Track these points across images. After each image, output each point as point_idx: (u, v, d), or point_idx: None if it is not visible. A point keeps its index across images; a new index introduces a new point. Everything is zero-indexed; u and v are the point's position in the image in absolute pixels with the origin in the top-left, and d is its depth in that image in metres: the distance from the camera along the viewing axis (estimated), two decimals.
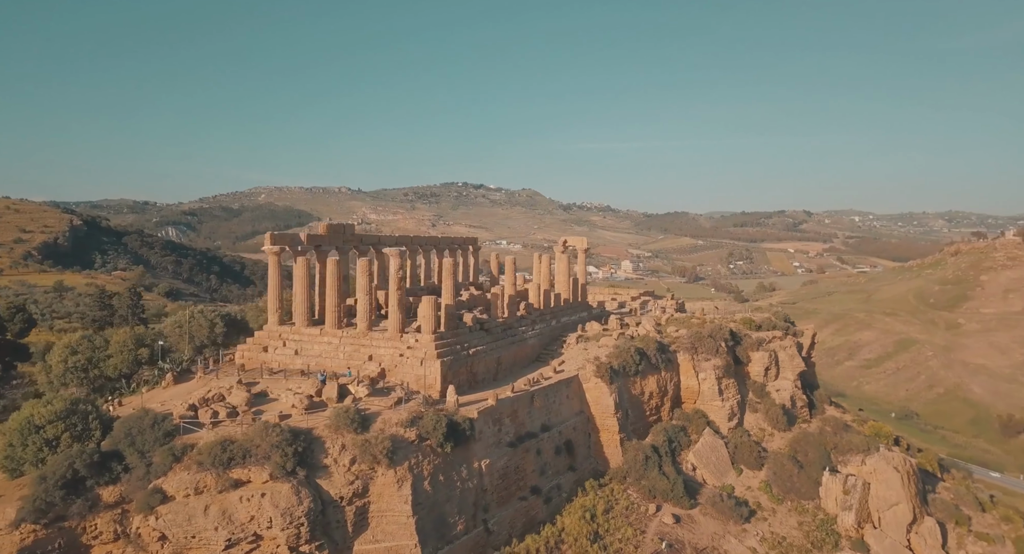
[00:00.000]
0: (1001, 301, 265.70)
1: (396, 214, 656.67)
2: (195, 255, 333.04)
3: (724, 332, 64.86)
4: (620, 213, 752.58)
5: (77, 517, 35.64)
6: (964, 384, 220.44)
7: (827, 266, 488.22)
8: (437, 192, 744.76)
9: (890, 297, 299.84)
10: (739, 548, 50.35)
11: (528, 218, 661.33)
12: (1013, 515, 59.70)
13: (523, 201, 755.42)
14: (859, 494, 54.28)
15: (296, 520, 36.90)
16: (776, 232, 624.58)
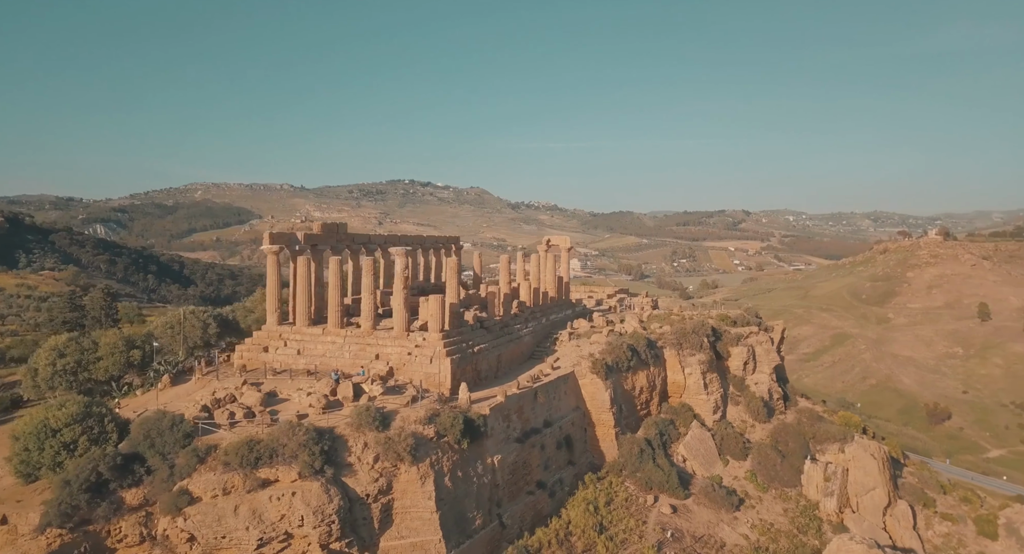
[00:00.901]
0: (926, 296, 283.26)
1: (341, 212, 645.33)
2: (130, 254, 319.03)
3: (706, 328, 67.86)
4: (567, 212, 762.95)
5: (102, 520, 35.42)
6: (894, 375, 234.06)
7: (765, 264, 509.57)
8: (383, 189, 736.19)
9: (826, 293, 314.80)
10: (733, 535, 53.01)
11: (477, 216, 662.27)
12: (971, 496, 64.83)
13: (472, 199, 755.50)
14: (840, 480, 57.99)
15: (327, 518, 37.12)
16: (717, 231, 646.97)
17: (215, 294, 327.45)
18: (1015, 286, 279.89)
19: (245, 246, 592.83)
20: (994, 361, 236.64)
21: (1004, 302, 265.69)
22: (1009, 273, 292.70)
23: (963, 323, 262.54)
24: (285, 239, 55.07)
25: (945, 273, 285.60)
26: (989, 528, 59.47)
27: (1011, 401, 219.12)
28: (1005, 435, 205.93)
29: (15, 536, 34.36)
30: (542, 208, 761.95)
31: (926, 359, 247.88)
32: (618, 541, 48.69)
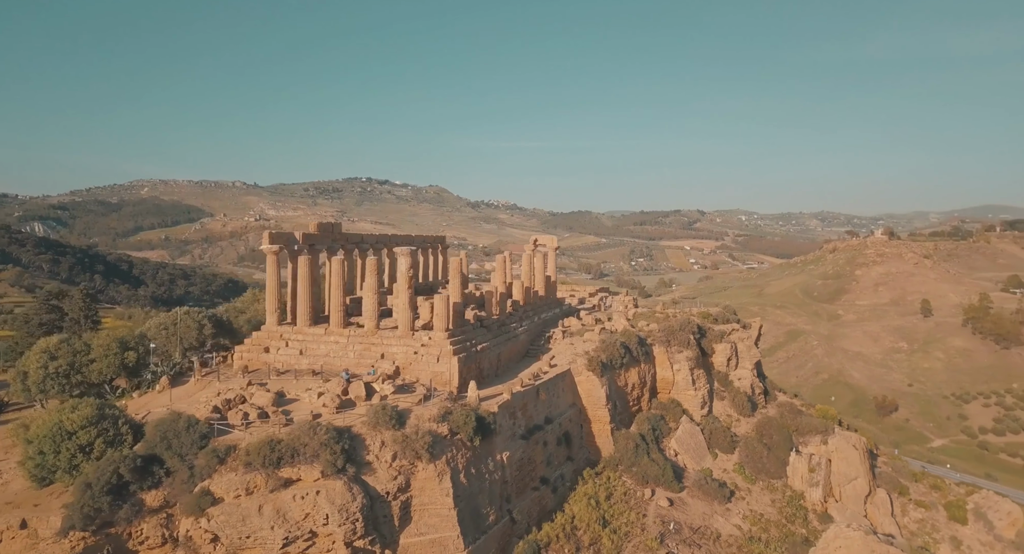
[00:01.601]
0: (873, 294, 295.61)
1: (297, 210, 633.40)
2: (74, 253, 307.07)
3: (692, 326, 70.04)
4: (527, 211, 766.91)
5: (124, 523, 35.30)
6: (845, 370, 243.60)
7: (720, 262, 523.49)
8: (340, 187, 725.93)
9: (779, 291, 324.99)
10: (727, 526, 55.07)
11: (436, 215, 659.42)
12: (940, 484, 68.72)
13: (430, 198, 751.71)
14: (824, 471, 60.83)
15: (352, 516, 37.36)
16: (673, 230, 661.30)
17: (167, 295, 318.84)
18: (953, 283, 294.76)
19: (196, 245, 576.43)
20: (936, 355, 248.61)
21: (944, 298, 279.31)
22: (947, 271, 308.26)
23: (907, 319, 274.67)
24: (284, 239, 54.71)
25: (890, 271, 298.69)
26: (959, 513, 63.34)
27: (951, 393, 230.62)
28: (947, 425, 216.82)
29: (36, 540, 33.94)
30: (502, 207, 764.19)
31: (874, 354, 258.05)
32: (621, 534, 50.07)
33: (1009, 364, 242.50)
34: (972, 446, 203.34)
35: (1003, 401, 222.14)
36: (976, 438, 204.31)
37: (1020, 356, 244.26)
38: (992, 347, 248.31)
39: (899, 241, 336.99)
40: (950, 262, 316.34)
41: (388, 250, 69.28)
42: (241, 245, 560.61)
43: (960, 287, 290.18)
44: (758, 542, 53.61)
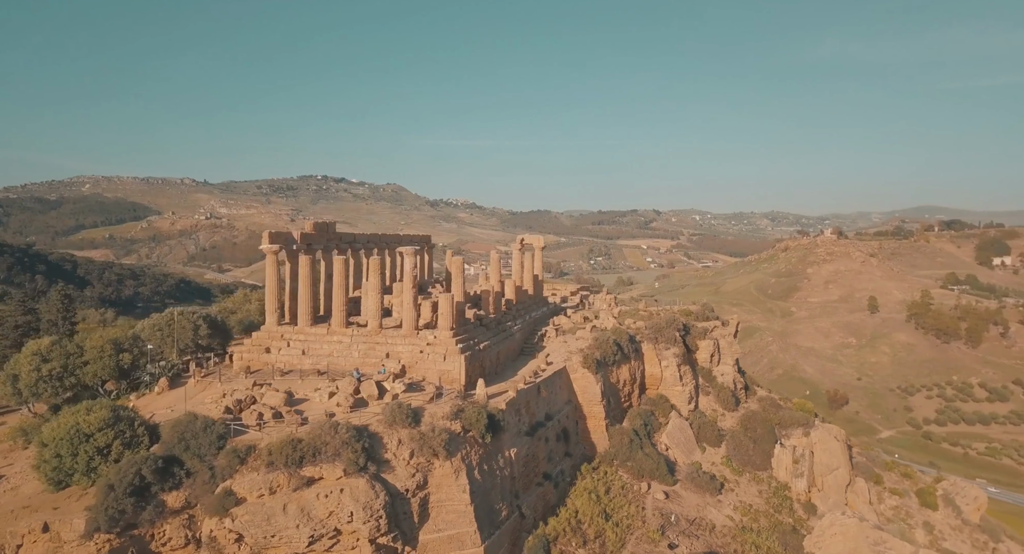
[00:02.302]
0: (823, 291, 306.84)
1: (250, 208, 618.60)
2: (13, 253, 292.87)
3: (678, 323, 72.17)
4: (486, 210, 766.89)
5: (147, 524, 35.20)
6: (798, 365, 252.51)
7: (676, 261, 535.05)
8: (295, 185, 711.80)
9: (735, 289, 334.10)
10: (719, 516, 57.13)
11: (395, 213, 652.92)
12: (911, 472, 72.68)
13: (388, 196, 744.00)
14: (808, 462, 63.62)
15: (375, 513, 37.64)
16: (630, 230, 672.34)
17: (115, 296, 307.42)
18: (897, 281, 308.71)
19: (143, 244, 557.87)
20: (882, 350, 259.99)
21: (889, 295, 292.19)
22: (892, 269, 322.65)
23: (855, 315, 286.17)
24: (282, 239, 54.20)
25: (839, 269, 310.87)
26: (930, 499, 67.15)
27: (897, 386, 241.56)
28: (893, 417, 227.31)
29: (59, 543, 33.61)
30: (461, 206, 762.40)
31: (825, 349, 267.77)
32: (623, 527, 51.46)
33: (949, 358, 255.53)
34: (917, 437, 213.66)
35: (944, 393, 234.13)
36: (920, 429, 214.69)
37: (959, 350, 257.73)
38: (933, 342, 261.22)
39: (847, 240, 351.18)
40: (894, 261, 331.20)
41: (378, 250, 69.11)
42: (191, 244, 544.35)
43: (903, 284, 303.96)
44: (750, 532, 55.78)
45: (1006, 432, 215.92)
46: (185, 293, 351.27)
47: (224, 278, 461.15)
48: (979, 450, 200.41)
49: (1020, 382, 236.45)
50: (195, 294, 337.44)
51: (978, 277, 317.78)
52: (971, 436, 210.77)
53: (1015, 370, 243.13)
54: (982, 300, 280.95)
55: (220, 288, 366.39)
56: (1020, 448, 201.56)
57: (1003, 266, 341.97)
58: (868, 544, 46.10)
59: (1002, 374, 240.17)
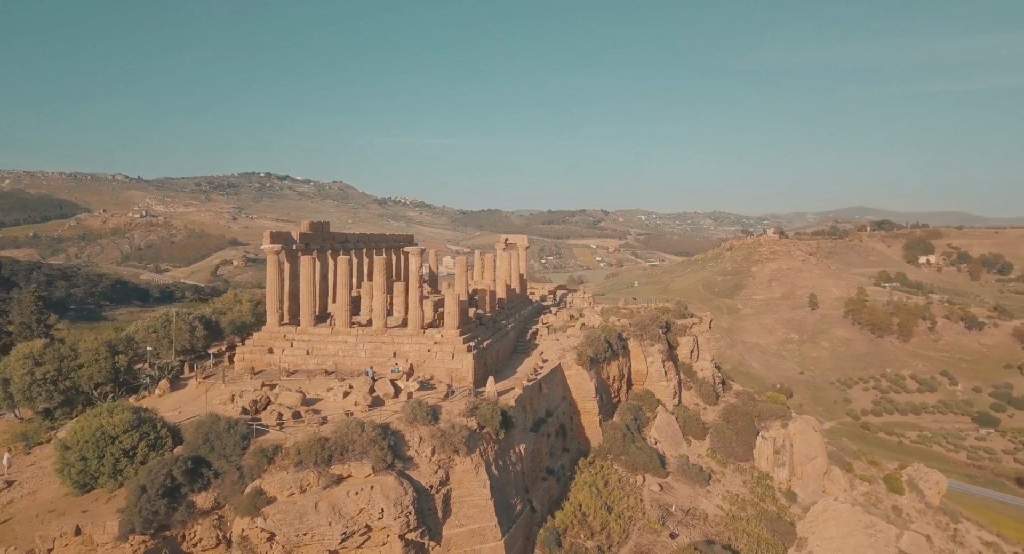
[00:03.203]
0: (767, 289, 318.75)
1: (188, 206, 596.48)
2: None
3: (661, 320, 74.65)
4: (436, 209, 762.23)
5: (179, 525, 35.23)
6: (745, 360, 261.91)
7: (624, 260, 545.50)
8: (236, 183, 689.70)
9: (683, 287, 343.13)
10: (710, 506, 59.62)
11: (342, 212, 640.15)
12: (877, 460, 77.36)
13: (335, 194, 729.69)
14: (789, 452, 66.99)
15: (405, 509, 38.19)
16: (579, 230, 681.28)
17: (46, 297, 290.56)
18: (835, 278, 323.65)
19: (71, 243, 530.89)
20: (822, 345, 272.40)
21: (827, 292, 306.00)
22: (829, 267, 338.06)
23: (797, 312, 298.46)
24: (282, 238, 53.60)
25: (782, 268, 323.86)
26: (897, 485, 71.66)
27: (837, 379, 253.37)
28: (834, 409, 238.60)
29: (92, 546, 33.35)
30: (410, 204, 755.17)
31: (770, 345, 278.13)
32: (625, 518, 53.25)
33: (883, 351, 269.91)
34: (856, 427, 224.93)
35: (879, 385, 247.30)
36: (859, 419, 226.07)
37: (891, 344, 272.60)
38: (869, 336, 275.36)
39: (788, 240, 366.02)
40: (831, 259, 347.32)
41: (367, 250, 69.00)
42: (125, 243, 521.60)
43: (840, 282, 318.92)
44: (740, 520, 58.49)
45: (935, 421, 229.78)
46: (122, 295, 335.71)
47: (163, 279, 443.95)
48: (912, 439, 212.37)
49: (947, 374, 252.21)
50: (133, 296, 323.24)
51: (907, 275, 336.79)
52: (904, 425, 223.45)
53: (942, 362, 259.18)
54: (911, 296, 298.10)
55: (160, 289, 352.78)
56: (948, 435, 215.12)
57: (928, 264, 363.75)
58: (861, 527, 49.34)
59: (930, 366, 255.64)
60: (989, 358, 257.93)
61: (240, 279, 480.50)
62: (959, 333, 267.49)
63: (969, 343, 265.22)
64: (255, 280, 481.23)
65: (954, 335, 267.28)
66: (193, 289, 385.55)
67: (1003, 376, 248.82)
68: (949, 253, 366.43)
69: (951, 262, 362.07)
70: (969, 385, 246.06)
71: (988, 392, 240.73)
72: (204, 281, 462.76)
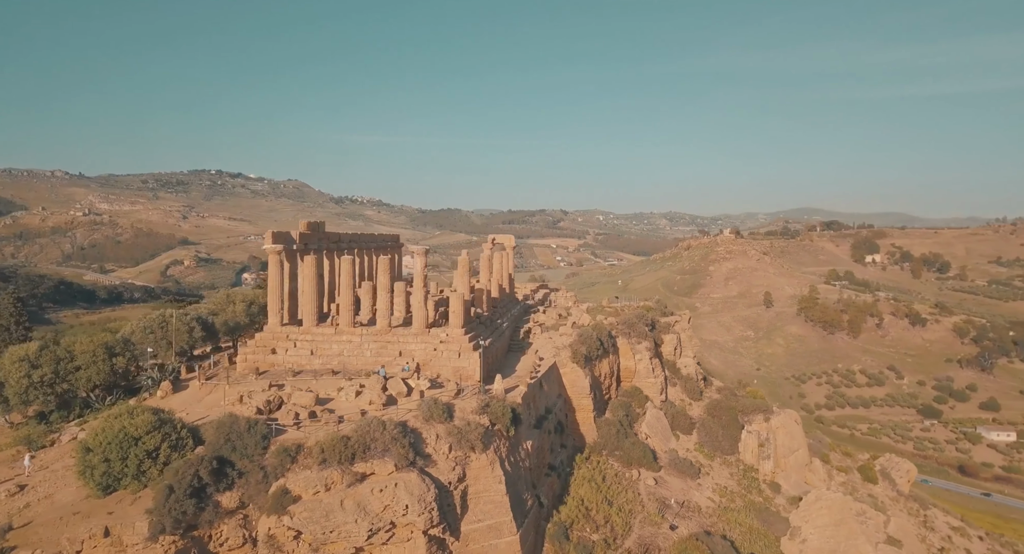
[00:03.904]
0: (724, 287, 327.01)
1: (135, 204, 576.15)
2: None
3: (647, 318, 76.52)
4: (394, 208, 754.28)
5: (206, 525, 35.32)
6: (704, 357, 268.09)
7: (584, 260, 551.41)
8: (185, 180, 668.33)
9: (643, 286, 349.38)
10: (702, 498, 61.55)
11: (297, 211, 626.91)
12: (851, 451, 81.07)
13: (290, 193, 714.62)
14: (773, 445, 69.62)
15: (428, 505, 38.70)
16: (539, 229, 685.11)
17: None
18: (788, 277, 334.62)
19: (7, 242, 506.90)
20: (777, 341, 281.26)
21: (781, 291, 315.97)
22: (782, 266, 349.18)
23: (753, 310, 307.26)
24: (283, 238, 53.13)
25: (738, 267, 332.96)
26: (871, 474, 75.23)
27: (791, 374, 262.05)
28: (790, 404, 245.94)
29: (121, 547, 33.26)
30: (368, 203, 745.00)
31: (727, 342, 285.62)
32: (626, 511, 54.68)
33: (834, 347, 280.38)
34: (811, 421, 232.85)
35: (831, 380, 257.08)
36: (813, 413, 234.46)
37: (842, 340, 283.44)
38: (821, 333, 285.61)
39: (743, 240, 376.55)
40: (784, 258, 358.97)
41: (359, 250, 68.72)
42: (67, 242, 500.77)
43: (793, 280, 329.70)
44: (731, 511, 60.67)
45: (883, 413, 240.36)
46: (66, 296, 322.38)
47: (109, 279, 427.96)
48: (863, 431, 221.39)
49: (893, 368, 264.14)
50: (78, 297, 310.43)
51: (855, 273, 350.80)
52: (855, 418, 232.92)
53: (888, 357, 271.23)
54: (860, 294, 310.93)
55: (107, 290, 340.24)
56: (895, 427, 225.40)
57: (874, 263, 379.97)
58: (852, 515, 51.95)
59: (878, 361, 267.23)
60: (932, 353, 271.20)
61: (192, 280, 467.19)
62: (904, 329, 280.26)
63: (913, 339, 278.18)
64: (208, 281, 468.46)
65: (899, 331, 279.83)
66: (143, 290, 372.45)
67: (944, 369, 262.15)
68: (893, 252, 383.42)
69: (895, 261, 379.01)
70: (914, 379, 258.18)
71: (931, 385, 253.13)
72: (154, 281, 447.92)
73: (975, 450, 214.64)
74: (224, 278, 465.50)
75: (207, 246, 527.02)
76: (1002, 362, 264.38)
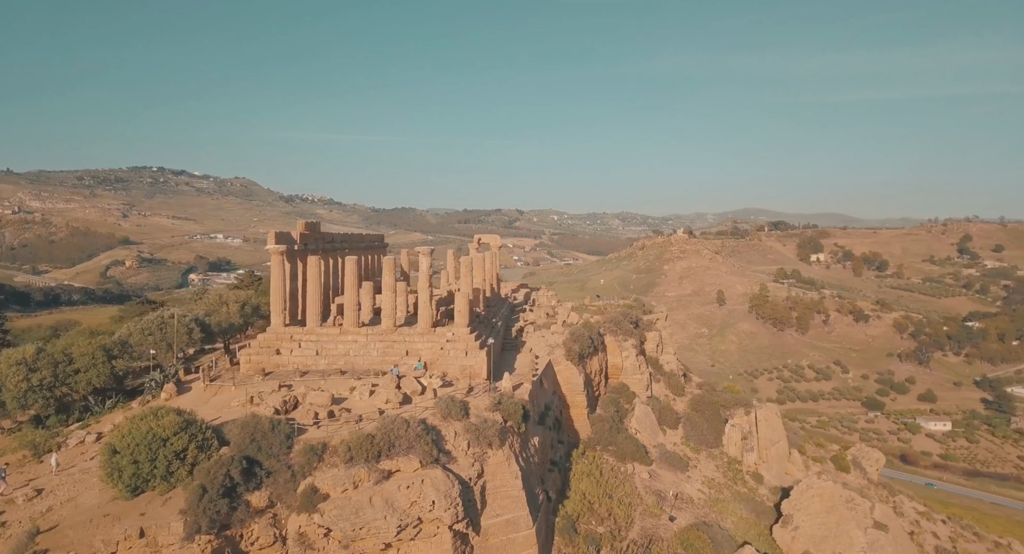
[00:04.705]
0: (678, 286, 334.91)
1: (70, 202, 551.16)
2: None
3: (632, 316, 78.47)
4: (347, 207, 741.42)
5: (238, 524, 35.50)
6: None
7: (540, 259, 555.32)
8: (125, 177, 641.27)
9: (600, 285, 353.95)
10: (693, 490, 63.62)
11: (245, 209, 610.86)
12: (822, 442, 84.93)
13: (237, 191, 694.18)
14: (755, 438, 72.44)
15: (453, 501, 39.40)
16: (495, 229, 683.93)
17: None
18: (739, 276, 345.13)
19: None
20: (730, 338, 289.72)
21: (733, 289, 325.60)
22: (734, 265, 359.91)
23: (706, 308, 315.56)
24: (285, 239, 52.68)
25: (692, 266, 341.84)
26: (843, 464, 79.07)
27: (744, 370, 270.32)
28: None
29: (156, 548, 33.19)
30: (319, 202, 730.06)
31: (682, 339, 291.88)
32: (626, 504, 56.28)
33: (784, 343, 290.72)
34: None
35: (782, 375, 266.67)
36: None
37: (792, 337, 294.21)
38: (771, 330, 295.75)
39: (696, 239, 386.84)
40: (734, 257, 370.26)
41: (349, 250, 68.43)
42: None
43: (744, 279, 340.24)
44: (720, 502, 63.06)
45: (831, 407, 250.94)
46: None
47: (43, 281, 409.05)
48: (812, 424, 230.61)
49: (839, 363, 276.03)
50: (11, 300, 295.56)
51: (801, 271, 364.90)
52: (805, 412, 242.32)
53: (834, 353, 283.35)
54: (807, 292, 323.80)
55: (43, 292, 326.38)
56: (842, 419, 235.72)
57: (818, 262, 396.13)
58: (843, 502, 54.84)
59: (825, 356, 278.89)
60: (874, 347, 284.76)
61: (134, 281, 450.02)
62: (848, 325, 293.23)
63: (857, 334, 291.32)
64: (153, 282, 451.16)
65: (844, 327, 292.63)
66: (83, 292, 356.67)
67: (886, 364, 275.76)
68: (836, 251, 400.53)
69: (837, 260, 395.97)
70: (858, 373, 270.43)
71: (874, 378, 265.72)
72: (93, 283, 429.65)
73: (915, 439, 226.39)
74: (169, 279, 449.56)
75: (150, 246, 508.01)
76: (937, 356, 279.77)
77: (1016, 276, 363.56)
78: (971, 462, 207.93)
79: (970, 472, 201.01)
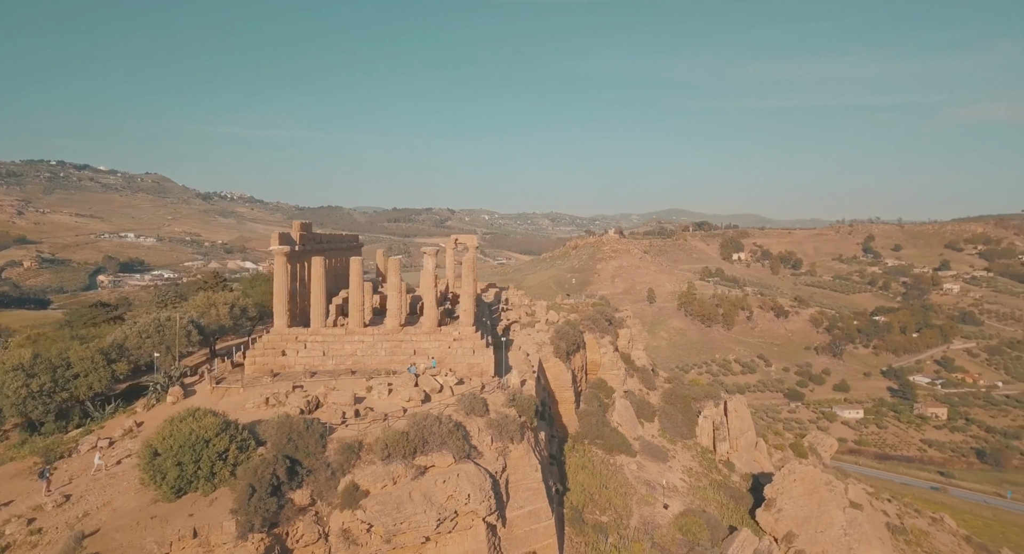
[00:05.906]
0: (611, 284, 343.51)
1: None
2: None
3: (607, 314, 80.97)
4: (270, 205, 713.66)
5: (286, 522, 36.00)
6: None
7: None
8: (19, 171, 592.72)
9: (536, 284, 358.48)
10: (675, 479, 66.64)
11: (158, 207, 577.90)
12: (781, 431, 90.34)
13: (149, 187, 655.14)
14: (726, 428, 76.34)
15: (487, 494, 40.65)
16: (427, 228, 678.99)
17: None
18: (667, 274, 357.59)
19: None
20: (661, 335, 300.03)
21: (662, 287, 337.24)
22: (662, 264, 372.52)
23: (638, 305, 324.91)
24: (287, 240, 51.90)
25: (623, 265, 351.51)
26: (801, 450, 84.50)
27: (675, 366, 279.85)
28: None
29: (209, 548, 33.36)
30: (239, 200, 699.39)
31: None
32: (622, 494, 58.66)
33: (711, 339, 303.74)
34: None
35: (711, 369, 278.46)
36: None
37: (718, 332, 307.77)
38: (700, 326, 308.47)
39: (627, 239, 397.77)
40: (663, 257, 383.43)
41: (333, 250, 67.40)
42: None
43: (672, 277, 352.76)
44: (701, 489, 66.47)
45: (756, 399, 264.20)
46: None
47: None
48: None
49: (763, 357, 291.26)
50: None
51: (724, 270, 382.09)
52: None
53: (758, 347, 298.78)
54: (731, 289, 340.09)
55: None
56: (767, 411, 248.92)
57: (740, 260, 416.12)
58: (823, 484, 59.01)
59: (750, 350, 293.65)
60: (793, 342, 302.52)
61: (35, 283, 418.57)
62: (770, 321, 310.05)
63: (778, 329, 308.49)
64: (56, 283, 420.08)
65: (766, 323, 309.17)
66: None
67: (804, 357, 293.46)
68: (755, 250, 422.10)
69: (757, 258, 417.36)
70: (780, 366, 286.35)
71: (794, 371, 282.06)
72: None
73: (832, 427, 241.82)
74: (75, 281, 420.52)
75: (50, 245, 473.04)
76: (849, 348, 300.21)
77: (912, 273, 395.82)
78: (881, 446, 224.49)
79: (880, 455, 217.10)
